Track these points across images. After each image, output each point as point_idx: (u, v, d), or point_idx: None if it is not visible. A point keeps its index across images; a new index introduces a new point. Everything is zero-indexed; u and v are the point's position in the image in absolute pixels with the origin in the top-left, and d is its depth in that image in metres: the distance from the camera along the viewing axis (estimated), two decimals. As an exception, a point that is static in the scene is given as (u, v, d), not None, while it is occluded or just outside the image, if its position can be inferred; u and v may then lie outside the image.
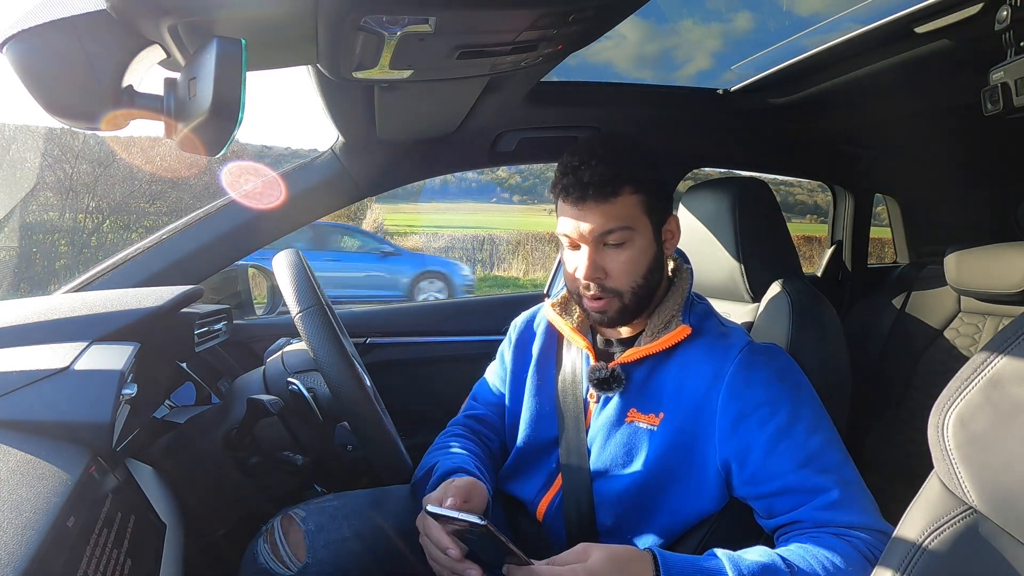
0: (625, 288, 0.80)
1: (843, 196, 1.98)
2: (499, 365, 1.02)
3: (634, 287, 0.80)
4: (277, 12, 0.59)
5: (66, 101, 0.46)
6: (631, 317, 0.83)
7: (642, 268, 0.80)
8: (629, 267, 0.79)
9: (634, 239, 0.79)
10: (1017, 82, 0.75)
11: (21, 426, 0.58)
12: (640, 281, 0.80)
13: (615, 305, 0.81)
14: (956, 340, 1.58)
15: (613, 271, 0.79)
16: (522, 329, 0.99)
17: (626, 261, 0.79)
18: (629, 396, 0.82)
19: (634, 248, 0.79)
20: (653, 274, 0.82)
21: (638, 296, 0.81)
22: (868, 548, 0.66)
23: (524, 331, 0.99)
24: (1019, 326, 0.44)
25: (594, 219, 0.77)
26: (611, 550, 0.65)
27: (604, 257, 0.79)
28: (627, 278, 0.80)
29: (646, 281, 0.81)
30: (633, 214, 0.78)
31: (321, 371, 0.76)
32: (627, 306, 0.81)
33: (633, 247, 0.79)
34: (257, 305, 1.45)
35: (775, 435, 0.73)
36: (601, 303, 0.81)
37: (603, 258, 0.79)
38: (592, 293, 0.80)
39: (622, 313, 0.81)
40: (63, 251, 7.34)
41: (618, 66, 9.85)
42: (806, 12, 1.24)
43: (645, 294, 0.82)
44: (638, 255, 0.79)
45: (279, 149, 18.61)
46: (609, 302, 0.80)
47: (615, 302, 0.81)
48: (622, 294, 0.80)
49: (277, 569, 0.84)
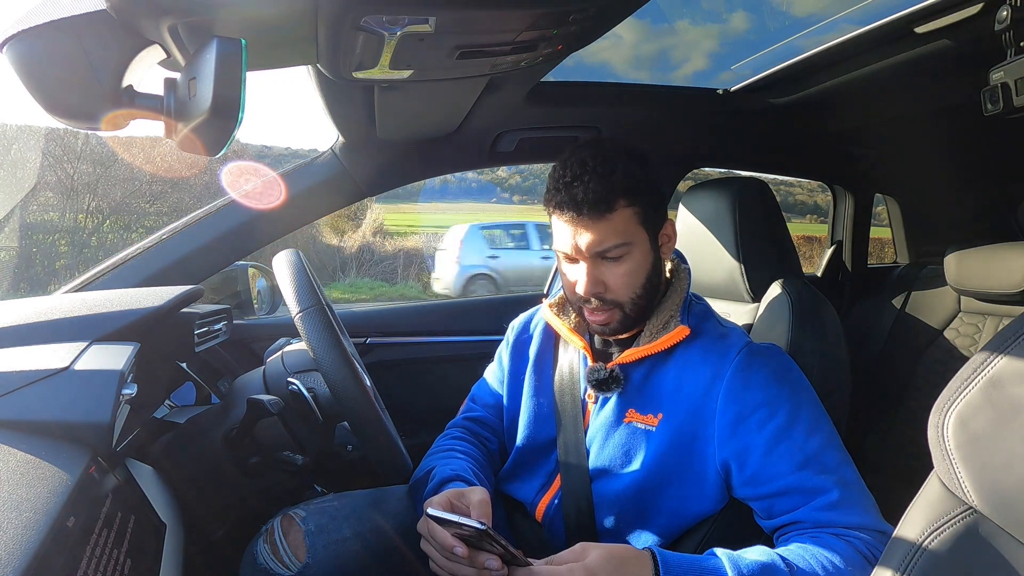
0: (625, 299, 0.80)
1: (843, 196, 1.98)
2: (497, 367, 1.02)
3: (634, 297, 0.80)
4: (277, 12, 0.59)
5: (66, 101, 0.46)
6: (633, 325, 0.83)
7: (641, 279, 0.80)
8: (628, 279, 0.79)
9: (632, 252, 0.78)
10: (1017, 82, 0.75)
11: (21, 426, 0.58)
12: (639, 291, 0.80)
13: (616, 316, 0.81)
14: (956, 340, 1.58)
15: (612, 284, 0.79)
16: (519, 330, 0.99)
17: (624, 274, 0.79)
18: (627, 396, 0.82)
19: (632, 260, 0.79)
20: (652, 281, 0.82)
21: (638, 306, 0.81)
22: (868, 548, 0.66)
23: (521, 332, 0.99)
24: (1019, 326, 0.44)
25: (591, 236, 0.76)
26: (610, 549, 0.65)
27: (603, 271, 0.79)
28: (627, 290, 0.79)
29: (645, 290, 0.81)
30: (630, 228, 0.78)
31: (321, 371, 0.76)
32: (628, 316, 0.81)
33: (631, 259, 0.79)
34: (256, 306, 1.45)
35: (774, 436, 0.73)
36: (603, 316, 0.81)
37: (602, 272, 0.79)
38: (593, 306, 0.80)
39: (624, 323, 0.82)
40: (63, 251, 7.34)
41: (615, 66, 9.87)
42: (806, 12, 1.24)
43: (645, 303, 0.82)
44: (636, 267, 0.79)
45: (279, 149, 18.59)
46: (611, 314, 0.81)
47: (616, 313, 0.81)
48: (623, 305, 0.80)
49: (277, 569, 0.84)
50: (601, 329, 0.83)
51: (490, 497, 0.77)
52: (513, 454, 0.93)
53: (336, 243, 10.31)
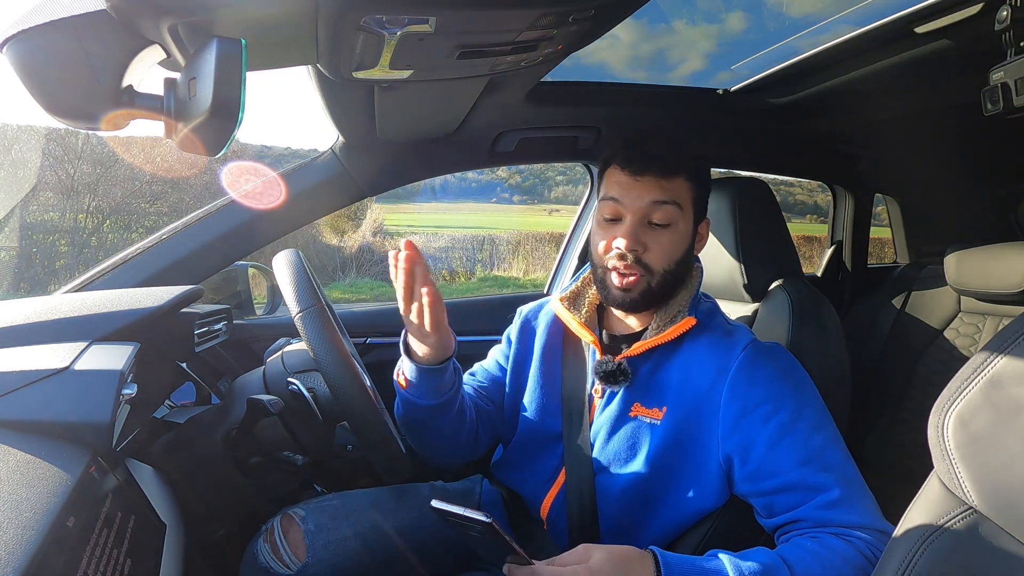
0: (658, 268, 0.81)
1: (843, 196, 1.98)
2: (504, 346, 1.01)
3: (666, 270, 0.81)
4: (277, 12, 0.59)
5: (66, 101, 0.46)
6: (652, 302, 0.83)
7: (677, 254, 0.82)
8: (668, 248, 0.81)
9: (678, 223, 0.81)
10: (1017, 82, 0.75)
11: (21, 426, 0.58)
12: (672, 267, 0.82)
13: (643, 284, 0.81)
14: (956, 340, 1.58)
15: (652, 248, 0.81)
16: (529, 317, 0.99)
17: (666, 242, 0.81)
18: (633, 390, 0.83)
19: (676, 232, 0.81)
20: (682, 265, 0.83)
21: (665, 281, 0.82)
22: (868, 548, 0.66)
23: (531, 320, 0.99)
24: (1019, 326, 0.44)
25: (651, 190, 0.79)
26: (612, 550, 0.65)
27: (647, 233, 0.81)
28: (663, 259, 0.81)
29: (676, 268, 0.82)
30: (683, 200, 0.81)
31: (321, 371, 0.75)
32: (652, 289, 0.82)
33: (675, 231, 0.81)
34: (257, 305, 1.45)
35: (777, 432, 0.73)
36: (632, 279, 0.81)
37: (645, 233, 0.81)
38: (627, 264, 0.80)
39: (646, 295, 0.82)
40: (63, 251, 7.34)
41: (613, 67, 9.85)
42: (806, 12, 1.24)
43: (671, 282, 0.83)
44: (678, 240, 0.81)
45: (279, 149, 18.58)
46: (640, 279, 0.81)
47: (644, 280, 0.81)
48: (653, 272, 0.81)
49: (277, 568, 0.84)
50: (622, 296, 0.82)
51: (467, 420, 0.89)
52: (515, 445, 0.93)
53: (336, 243, 10.31)
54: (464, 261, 10.91)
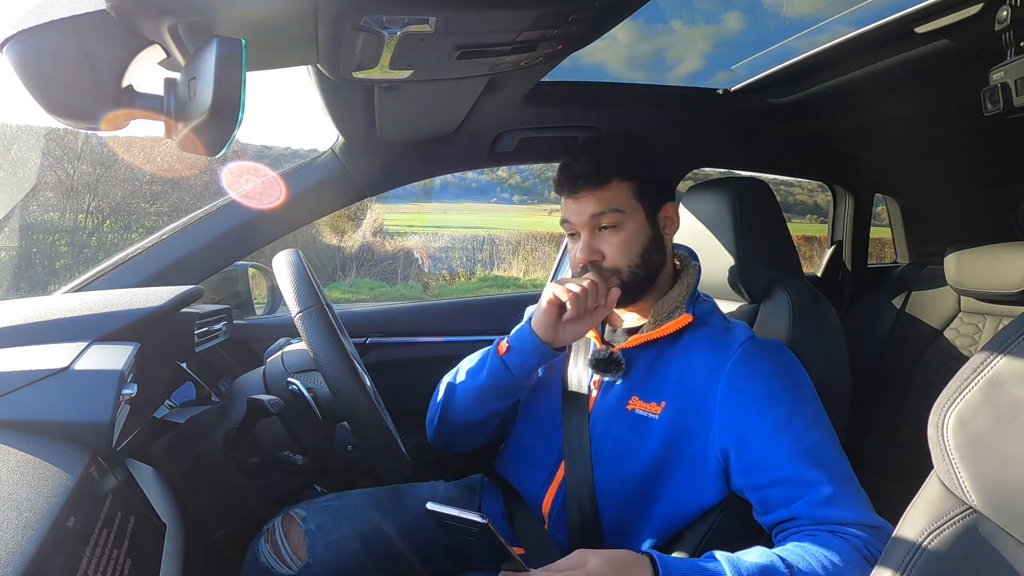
0: (623, 267, 0.84)
1: (843, 196, 1.98)
2: None
3: (631, 266, 0.84)
4: (277, 12, 0.59)
5: (66, 101, 0.46)
6: (634, 296, 0.86)
7: (637, 248, 0.84)
8: (624, 248, 0.84)
9: (626, 222, 0.84)
10: (1017, 82, 0.75)
11: (21, 426, 0.58)
12: (637, 260, 0.84)
13: (615, 283, 0.84)
14: (956, 340, 1.58)
15: (609, 253, 0.84)
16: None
17: (620, 243, 0.84)
18: (632, 384, 0.84)
19: (627, 230, 0.84)
20: (651, 256, 0.86)
21: (636, 275, 0.85)
22: (865, 546, 0.67)
23: None
24: (1019, 326, 0.44)
25: (586, 205, 0.84)
26: (609, 554, 0.65)
27: (599, 240, 0.85)
28: (623, 258, 0.84)
29: (643, 261, 0.85)
30: (624, 199, 0.84)
31: (321, 371, 0.76)
32: (627, 282, 0.85)
33: (626, 229, 0.84)
34: (257, 305, 1.45)
35: (774, 426, 0.74)
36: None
37: (598, 241, 0.85)
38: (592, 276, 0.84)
39: (624, 290, 0.85)
40: (63, 251, 7.34)
41: (611, 67, 9.87)
42: (806, 13, 1.24)
43: (644, 274, 0.85)
44: (632, 237, 0.84)
45: (279, 149, 18.58)
46: (608, 281, 0.84)
47: (615, 280, 0.84)
48: (620, 272, 0.84)
49: (279, 568, 0.84)
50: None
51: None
52: (516, 437, 0.94)
53: (336, 243, 10.31)
54: (464, 261, 10.91)
